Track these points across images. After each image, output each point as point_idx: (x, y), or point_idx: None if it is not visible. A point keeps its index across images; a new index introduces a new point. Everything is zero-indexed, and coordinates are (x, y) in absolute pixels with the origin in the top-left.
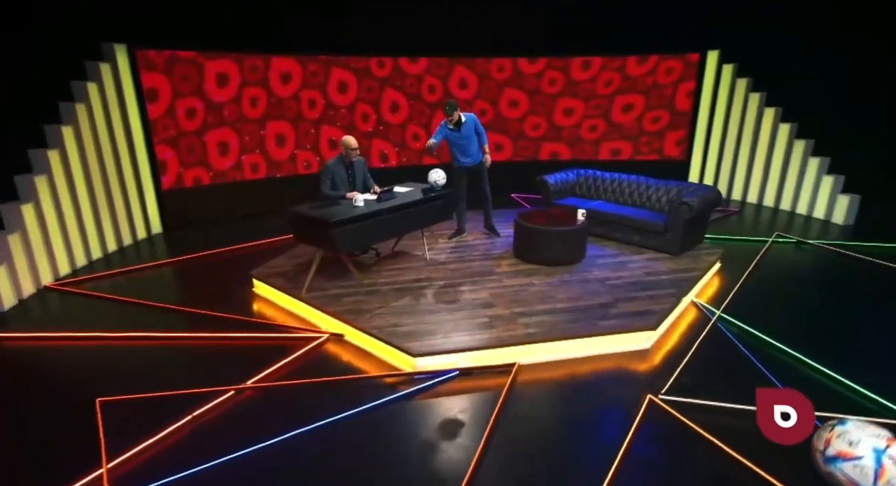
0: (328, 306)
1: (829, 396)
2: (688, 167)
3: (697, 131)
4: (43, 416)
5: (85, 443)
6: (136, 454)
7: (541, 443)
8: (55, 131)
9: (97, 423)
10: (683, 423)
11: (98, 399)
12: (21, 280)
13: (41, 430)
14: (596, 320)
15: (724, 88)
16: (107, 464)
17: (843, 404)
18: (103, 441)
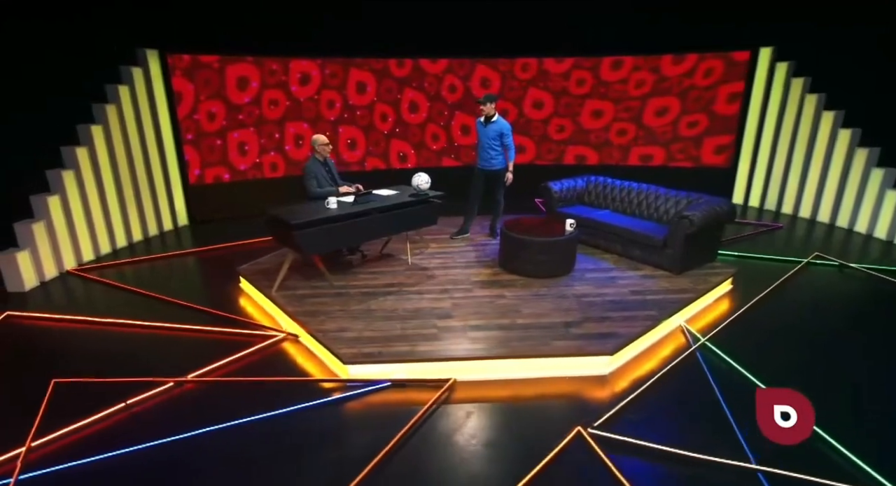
0: (290, 306)
1: (807, 453)
2: (733, 176)
3: (745, 137)
4: (10, 388)
5: (25, 419)
6: (62, 435)
7: (433, 471)
8: (86, 130)
9: (43, 401)
10: (602, 462)
11: (53, 380)
12: (44, 264)
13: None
14: (550, 340)
15: (777, 88)
16: (28, 443)
17: (819, 463)
18: (38, 420)
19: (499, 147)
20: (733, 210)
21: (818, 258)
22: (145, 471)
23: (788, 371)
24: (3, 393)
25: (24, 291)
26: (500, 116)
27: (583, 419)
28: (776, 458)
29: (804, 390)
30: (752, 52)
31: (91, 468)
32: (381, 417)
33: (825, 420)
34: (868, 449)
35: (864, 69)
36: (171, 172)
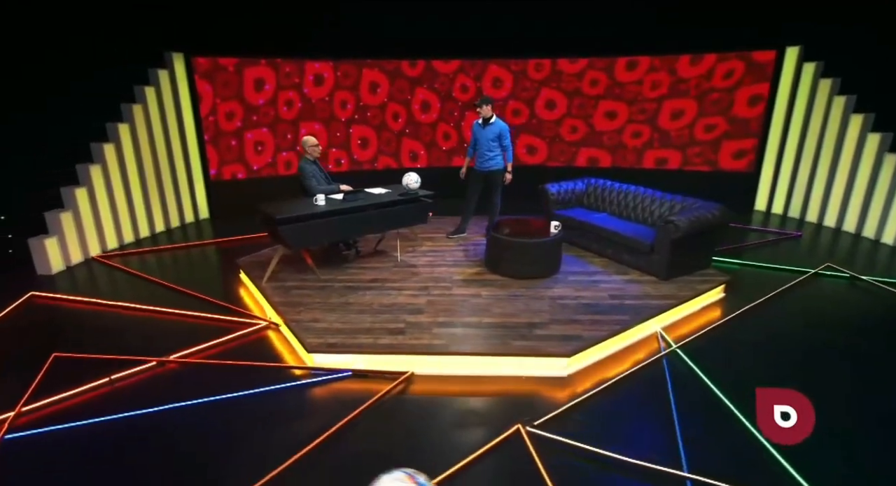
0: (275, 296)
1: (746, 465)
2: (756, 182)
3: (770, 141)
4: (15, 360)
5: (22, 387)
6: (49, 403)
7: (362, 456)
8: (113, 128)
9: (35, 374)
10: (531, 459)
11: (53, 354)
12: (70, 250)
13: (6, 366)
14: (511, 340)
15: (804, 90)
16: (18, 407)
17: (755, 474)
18: (31, 389)
19: (497, 148)
20: (726, 216)
21: (829, 269)
22: (118, 437)
23: (751, 386)
24: (8, 365)
25: (51, 274)
26: (498, 118)
27: (528, 418)
28: (710, 467)
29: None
30: (778, 52)
31: (71, 433)
32: (336, 404)
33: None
34: (811, 466)
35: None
36: (194, 169)
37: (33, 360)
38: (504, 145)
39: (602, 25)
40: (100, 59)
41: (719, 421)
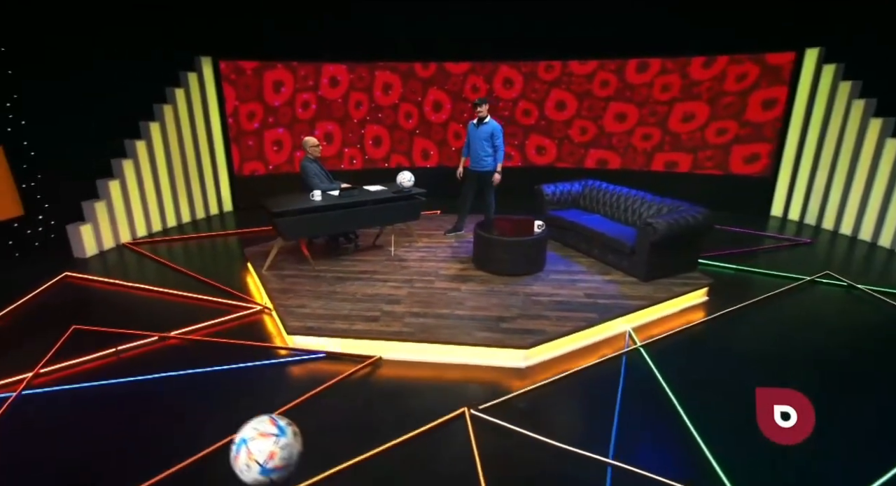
0: (270, 283)
1: (679, 463)
2: (772, 187)
3: (787, 146)
4: (41, 330)
5: (43, 353)
6: (56, 371)
7: (312, 428)
8: (145, 127)
9: (54, 342)
10: (468, 440)
11: (73, 326)
12: (103, 237)
13: (29, 337)
14: (476, 331)
15: (823, 93)
16: (37, 369)
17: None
18: (49, 355)
19: (490, 148)
20: (708, 220)
21: (828, 277)
22: (119, 398)
23: (702, 387)
24: (34, 334)
25: (85, 257)
26: (493, 119)
27: (477, 403)
28: (635, 458)
29: (701, 407)
30: (798, 54)
31: (78, 392)
32: (307, 381)
33: (708, 432)
34: (739, 468)
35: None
36: (219, 164)
37: (56, 331)
38: (496, 145)
39: (614, 26)
40: (136, 63)
41: (659, 418)
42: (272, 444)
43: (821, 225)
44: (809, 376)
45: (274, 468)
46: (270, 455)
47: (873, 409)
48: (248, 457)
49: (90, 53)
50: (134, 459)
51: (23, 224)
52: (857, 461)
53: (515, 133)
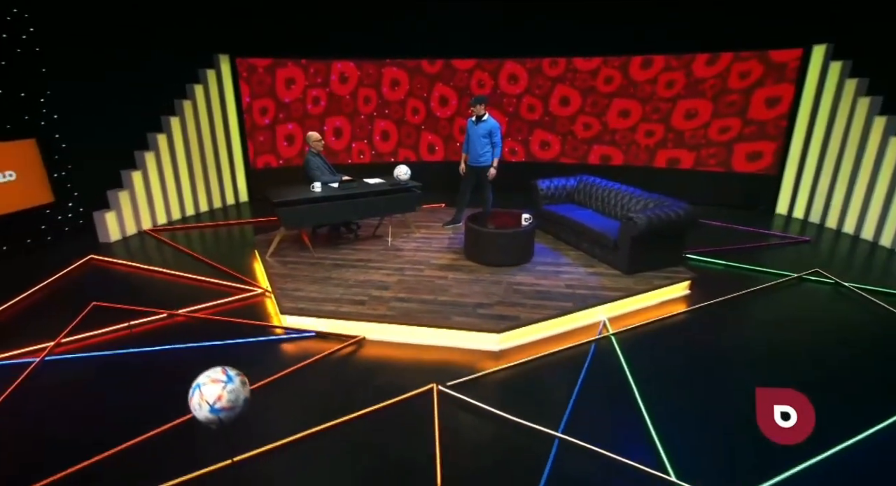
0: (271, 269)
1: (627, 441)
2: (777, 185)
3: (793, 143)
4: (64, 306)
5: (63, 324)
6: (75, 341)
7: (300, 397)
8: (167, 121)
9: (75, 316)
10: (432, 412)
11: (92, 303)
12: (126, 223)
13: (54, 311)
14: (453, 316)
15: (829, 90)
16: (58, 339)
17: (624, 443)
18: (70, 327)
19: (488, 145)
20: (690, 216)
21: (816, 275)
22: (128, 367)
23: (662, 375)
24: (58, 309)
25: (110, 242)
26: (491, 117)
27: (447, 380)
28: (583, 434)
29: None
30: (805, 50)
31: (93, 360)
32: (297, 356)
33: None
34: (682, 452)
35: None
36: (236, 157)
37: (78, 307)
38: (493, 142)
39: (620, 23)
40: (159, 62)
41: (614, 401)
42: (220, 388)
43: (824, 223)
44: (771, 370)
45: (221, 408)
46: (218, 398)
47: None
48: (200, 398)
49: (117, 53)
50: (139, 415)
51: (54, 211)
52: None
53: (520, 128)
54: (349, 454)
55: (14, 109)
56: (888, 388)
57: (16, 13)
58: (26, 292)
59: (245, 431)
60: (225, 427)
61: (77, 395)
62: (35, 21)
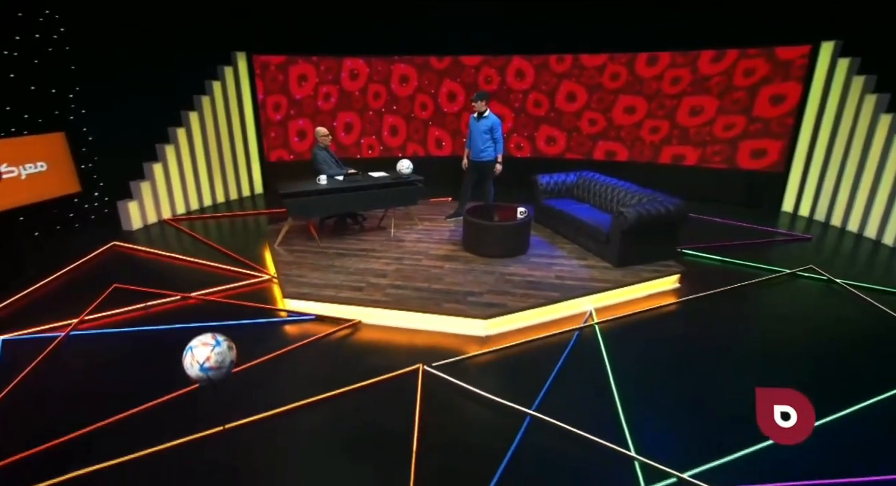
0: (278, 256)
1: (594, 421)
2: (783, 183)
3: (800, 141)
4: (88, 287)
5: (86, 304)
6: (97, 318)
7: (296, 372)
8: (186, 116)
9: (98, 297)
10: (414, 389)
11: (114, 285)
12: (147, 213)
13: (79, 292)
14: (444, 303)
15: (837, 87)
16: (82, 316)
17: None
18: (92, 306)
19: (489, 141)
20: (681, 211)
21: (810, 272)
22: (143, 343)
23: (638, 365)
24: (83, 290)
25: (132, 230)
26: (492, 113)
27: (434, 361)
28: (555, 411)
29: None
30: (813, 47)
31: (112, 336)
32: (297, 337)
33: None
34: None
35: None
36: (252, 150)
37: (100, 288)
38: (495, 138)
39: (626, 20)
40: (180, 59)
41: (589, 384)
42: (209, 351)
43: (829, 222)
44: (742, 360)
45: (209, 368)
46: (207, 358)
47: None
48: (192, 359)
49: (140, 52)
50: (149, 384)
51: (81, 199)
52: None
53: (526, 124)
54: (335, 424)
55: (45, 104)
56: (851, 377)
57: (47, 14)
58: (55, 273)
59: (240, 401)
60: (214, 385)
61: (96, 366)
62: (65, 22)
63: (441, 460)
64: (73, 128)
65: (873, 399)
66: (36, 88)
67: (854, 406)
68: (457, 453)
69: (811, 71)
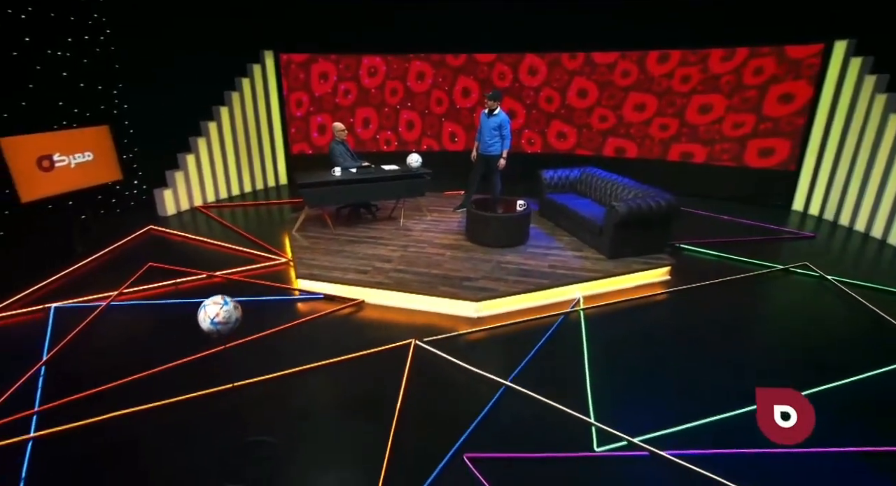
0: (295, 242)
1: (562, 393)
2: (794, 181)
3: (811, 140)
4: (126, 266)
5: (124, 279)
6: (134, 292)
7: (302, 343)
8: (217, 111)
9: (135, 273)
10: (405, 359)
11: (149, 263)
12: (180, 201)
13: (118, 269)
14: (440, 286)
15: (849, 86)
16: (121, 289)
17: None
18: (129, 281)
19: (497, 137)
20: (671, 206)
21: (804, 268)
22: (172, 313)
23: (613, 348)
24: (121, 268)
25: (167, 215)
26: (502, 111)
27: (426, 337)
28: (528, 383)
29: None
30: (826, 46)
31: (146, 306)
32: (304, 312)
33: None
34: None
35: None
36: (277, 143)
37: (137, 266)
38: (503, 135)
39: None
40: (212, 57)
41: (565, 360)
42: (219, 308)
43: (838, 221)
44: (715, 347)
45: (219, 323)
46: (216, 314)
47: (742, 371)
48: (204, 314)
49: (177, 51)
50: (175, 347)
51: (122, 187)
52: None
53: (538, 119)
54: (332, 386)
55: (92, 100)
56: (815, 365)
57: (95, 18)
58: (99, 252)
59: (251, 364)
60: (222, 336)
61: (131, 331)
62: (110, 25)
63: (419, 418)
64: (116, 121)
65: (828, 385)
66: (84, 85)
67: (808, 390)
68: (434, 414)
69: (824, 70)
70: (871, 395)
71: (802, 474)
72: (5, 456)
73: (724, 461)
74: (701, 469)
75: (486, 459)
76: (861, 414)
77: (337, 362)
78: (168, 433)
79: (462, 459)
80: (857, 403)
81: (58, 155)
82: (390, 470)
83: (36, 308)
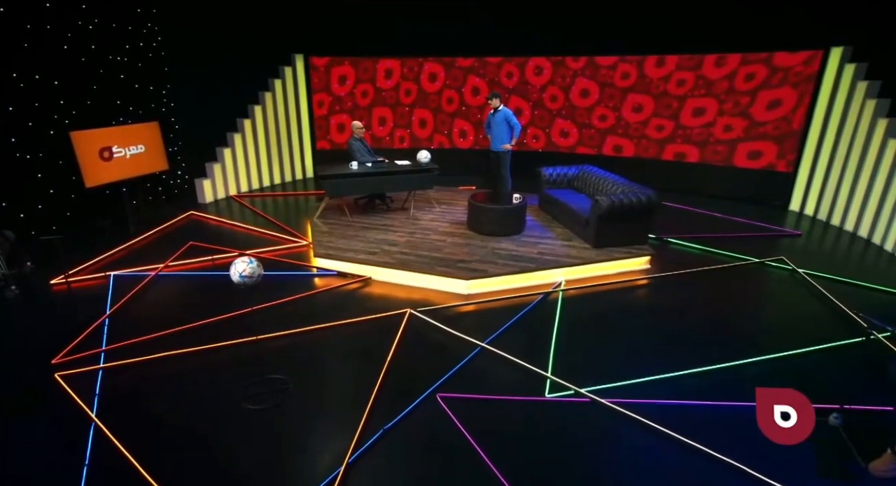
0: (315, 228)
1: (532, 357)
2: (791, 183)
3: (808, 142)
4: (171, 244)
5: (170, 254)
6: (178, 265)
7: (313, 308)
8: (251, 109)
9: (178, 250)
10: (400, 325)
11: (189, 242)
12: (217, 190)
13: (165, 246)
14: (437, 266)
15: (843, 92)
16: (167, 263)
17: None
18: (174, 256)
19: (507, 129)
20: (652, 201)
21: (780, 262)
22: (209, 283)
23: (584, 320)
24: (167, 246)
25: (205, 203)
26: (504, 106)
27: (420, 308)
28: (505, 346)
29: (572, 330)
30: (824, 52)
31: (186, 278)
32: (320, 286)
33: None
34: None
35: None
36: (305, 139)
37: (180, 244)
38: (512, 125)
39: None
40: (249, 60)
41: (537, 329)
42: (245, 265)
43: (829, 221)
44: (673, 323)
45: (246, 276)
46: (244, 270)
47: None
48: (234, 270)
49: (217, 56)
50: (210, 308)
51: (168, 176)
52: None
53: (543, 116)
54: (335, 342)
55: (144, 99)
56: (758, 338)
57: (149, 27)
58: (149, 232)
59: (272, 324)
60: (248, 288)
61: (175, 296)
62: (161, 33)
63: (405, 368)
64: (164, 118)
65: (753, 359)
66: (139, 86)
67: (744, 360)
68: (418, 366)
69: (821, 75)
70: (788, 369)
71: (718, 422)
72: (84, 380)
73: (653, 408)
74: (631, 413)
75: (455, 398)
76: (773, 383)
77: (342, 324)
78: (203, 369)
79: (435, 398)
80: (773, 374)
81: (116, 147)
82: (377, 403)
83: (99, 275)
